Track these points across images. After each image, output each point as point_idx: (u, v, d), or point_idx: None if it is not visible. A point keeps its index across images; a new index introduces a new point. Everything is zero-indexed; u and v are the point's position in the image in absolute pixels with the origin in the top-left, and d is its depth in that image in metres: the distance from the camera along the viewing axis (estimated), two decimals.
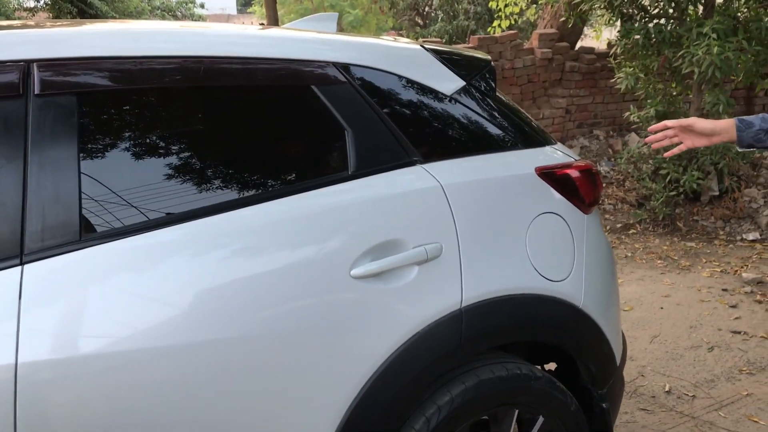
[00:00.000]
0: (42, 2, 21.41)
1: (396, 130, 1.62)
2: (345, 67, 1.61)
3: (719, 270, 4.56)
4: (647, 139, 1.93)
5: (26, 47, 1.32)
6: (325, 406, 1.46)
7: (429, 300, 1.56)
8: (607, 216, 5.99)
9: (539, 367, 2.02)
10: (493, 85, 1.86)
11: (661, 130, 1.89)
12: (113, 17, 20.87)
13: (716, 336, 3.52)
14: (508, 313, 1.67)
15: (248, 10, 40.52)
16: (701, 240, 5.25)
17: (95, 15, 20.28)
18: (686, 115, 5.58)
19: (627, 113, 5.76)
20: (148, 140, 1.41)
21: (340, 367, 1.47)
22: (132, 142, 1.38)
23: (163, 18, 28.16)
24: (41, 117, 1.28)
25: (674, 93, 5.67)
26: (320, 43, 1.65)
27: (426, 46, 1.80)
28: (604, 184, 6.39)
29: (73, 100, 1.31)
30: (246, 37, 1.59)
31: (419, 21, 17.11)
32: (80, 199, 1.28)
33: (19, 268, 1.22)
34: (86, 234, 1.28)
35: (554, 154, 1.88)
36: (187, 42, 1.49)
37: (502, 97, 1.94)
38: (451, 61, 1.79)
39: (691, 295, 4.11)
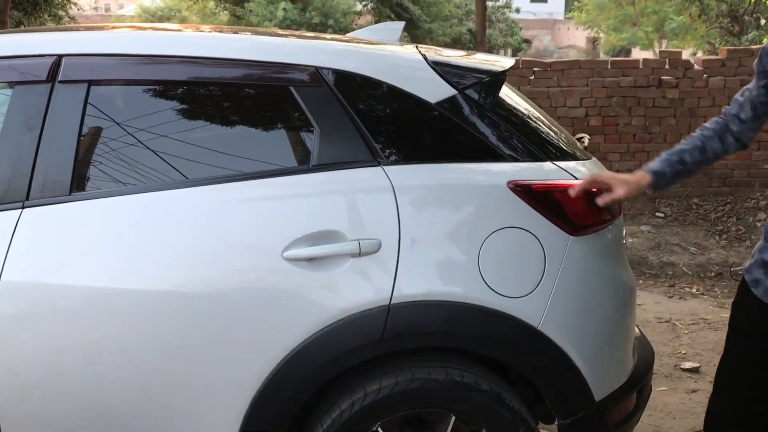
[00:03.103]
0: (368, 7, 23.93)
1: (365, 132, 1.75)
2: (326, 71, 1.78)
3: None
4: None
5: None
6: (242, 373, 1.67)
7: (356, 291, 1.68)
8: None
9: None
10: (493, 96, 1.85)
11: None
12: (425, 20, 22.56)
13: None
14: (439, 317, 1.70)
15: (566, 15, 40.32)
16: None
17: (410, 18, 22.05)
18: None
19: None
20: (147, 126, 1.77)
21: (260, 338, 1.67)
22: (126, 126, 1.76)
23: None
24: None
25: None
26: (307, 49, 1.86)
27: (425, 54, 1.88)
28: None
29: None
30: (232, 41, 1.87)
31: (734, 28, 15.50)
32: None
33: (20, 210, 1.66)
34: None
35: (555, 171, 1.81)
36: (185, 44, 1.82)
37: (516, 107, 1.93)
38: (445, 70, 1.84)
39: None
